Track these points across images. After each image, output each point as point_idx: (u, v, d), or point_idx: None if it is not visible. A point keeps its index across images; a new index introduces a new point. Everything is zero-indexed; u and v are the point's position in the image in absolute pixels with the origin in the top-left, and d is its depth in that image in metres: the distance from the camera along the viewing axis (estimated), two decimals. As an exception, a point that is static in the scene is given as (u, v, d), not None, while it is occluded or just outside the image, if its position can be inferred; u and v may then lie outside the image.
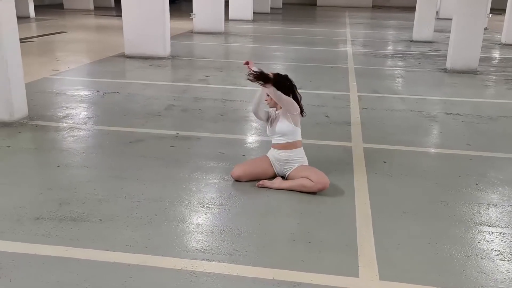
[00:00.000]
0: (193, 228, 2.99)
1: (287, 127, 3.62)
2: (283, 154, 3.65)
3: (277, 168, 3.68)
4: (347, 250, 2.78)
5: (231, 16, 17.38)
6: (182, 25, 14.57)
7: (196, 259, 2.65)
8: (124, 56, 9.00)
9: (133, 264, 2.58)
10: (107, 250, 2.71)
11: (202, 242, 2.82)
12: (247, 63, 3.69)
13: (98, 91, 6.37)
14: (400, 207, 3.33)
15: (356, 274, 2.55)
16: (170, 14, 9.00)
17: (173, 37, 11.97)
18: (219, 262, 2.63)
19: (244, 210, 3.24)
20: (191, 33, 13.21)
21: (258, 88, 3.74)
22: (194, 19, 13.16)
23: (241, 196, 3.44)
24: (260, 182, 3.54)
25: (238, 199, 3.39)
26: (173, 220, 3.06)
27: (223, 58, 9.79)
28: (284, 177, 3.65)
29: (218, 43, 11.56)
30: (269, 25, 16.84)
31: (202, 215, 3.16)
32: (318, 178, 3.43)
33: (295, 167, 3.60)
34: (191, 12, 13.04)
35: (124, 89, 6.56)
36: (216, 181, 3.69)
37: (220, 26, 13.20)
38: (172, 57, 9.13)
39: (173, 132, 4.80)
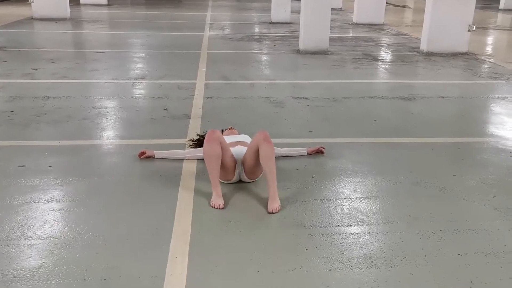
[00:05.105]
0: None
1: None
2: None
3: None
4: (151, 285, 2.25)
5: (82, 0, 15.90)
6: (21, 11, 12.89)
7: None
8: None
9: None
10: None
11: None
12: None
13: None
14: (226, 216, 2.89)
15: (154, 319, 2.04)
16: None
17: (6, 25, 10.52)
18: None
19: (31, 243, 2.55)
20: (31, 20, 11.68)
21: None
22: (33, 4, 11.64)
23: (34, 227, 2.72)
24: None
25: (31, 231, 2.67)
26: None
27: (61, 47, 8.63)
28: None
29: (60, 31, 10.30)
30: (126, 9, 15.72)
31: (-32, 259, 2.40)
32: (260, 139, 3.03)
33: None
34: (29, -5, 11.52)
35: None
36: (3, 203, 2.93)
37: (65, 11, 11.85)
38: (-2, 48, 7.83)
39: (-34, 144, 3.87)
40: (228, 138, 3.45)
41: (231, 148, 3.23)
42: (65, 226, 2.72)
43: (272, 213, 2.91)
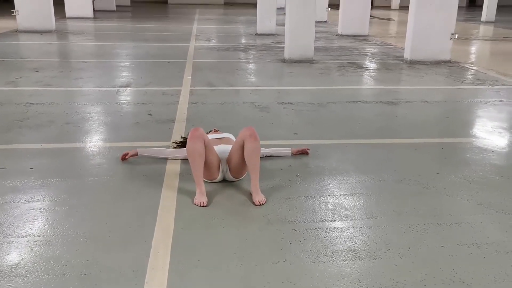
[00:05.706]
0: None
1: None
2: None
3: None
4: (132, 279, 2.21)
5: (68, 13, 15.93)
6: (6, 23, 12.85)
7: None
8: None
9: None
10: None
11: None
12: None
13: None
14: (210, 213, 2.87)
15: (134, 312, 2.00)
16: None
17: (-12, 37, 10.45)
18: None
19: (10, 241, 2.49)
20: (16, 32, 11.62)
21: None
22: (18, 16, 11.60)
23: (13, 225, 2.67)
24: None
25: (10, 229, 2.62)
26: None
27: (46, 57, 8.59)
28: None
29: (45, 42, 10.27)
30: (112, 22, 15.72)
31: None
32: (246, 135, 3.03)
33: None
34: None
35: None
36: (-17, 206, 2.87)
37: (50, 23, 11.82)
38: (-20, 59, 7.76)
39: None
40: (211, 136, 3.44)
41: (214, 147, 3.22)
42: (45, 224, 2.68)
43: (260, 204, 2.91)
